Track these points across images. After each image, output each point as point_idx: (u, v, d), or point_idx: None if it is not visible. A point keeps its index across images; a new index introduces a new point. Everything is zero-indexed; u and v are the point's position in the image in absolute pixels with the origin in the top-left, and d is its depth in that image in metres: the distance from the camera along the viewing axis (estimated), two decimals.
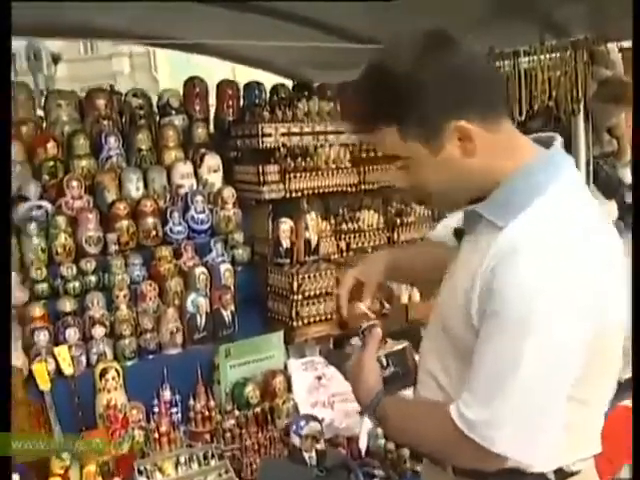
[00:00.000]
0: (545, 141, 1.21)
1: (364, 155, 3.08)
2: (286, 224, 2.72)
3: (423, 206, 3.14)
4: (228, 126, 3.18)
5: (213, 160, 2.97)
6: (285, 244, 2.72)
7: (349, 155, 3.02)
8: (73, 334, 2.36)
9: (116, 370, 2.33)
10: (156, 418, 2.33)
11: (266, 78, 3.81)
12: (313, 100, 3.03)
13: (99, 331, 2.40)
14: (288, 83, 3.74)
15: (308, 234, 2.75)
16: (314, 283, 2.66)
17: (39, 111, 3.18)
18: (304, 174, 2.86)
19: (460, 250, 1.23)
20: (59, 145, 2.79)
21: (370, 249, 3.00)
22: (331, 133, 2.98)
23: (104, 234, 2.60)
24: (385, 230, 3.10)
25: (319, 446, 2.05)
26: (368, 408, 1.31)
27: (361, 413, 2.12)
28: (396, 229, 3.11)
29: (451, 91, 1.08)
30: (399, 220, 3.13)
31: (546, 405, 1.08)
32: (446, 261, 1.30)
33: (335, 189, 2.96)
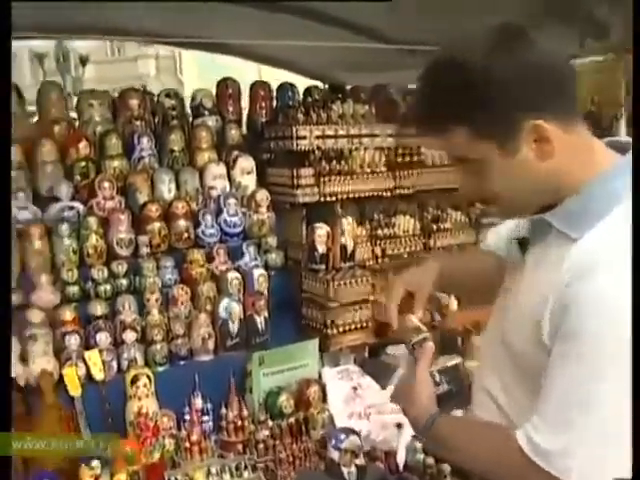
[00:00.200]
0: (617, 146, 1.13)
1: (400, 159, 3.00)
2: (322, 229, 2.65)
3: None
4: (261, 128, 3.12)
5: (246, 162, 2.91)
6: (321, 249, 2.65)
7: (384, 159, 2.95)
8: (104, 338, 2.31)
9: (148, 377, 2.27)
10: (187, 426, 2.27)
11: (295, 79, 3.77)
12: (347, 102, 2.95)
13: (130, 336, 2.35)
14: (320, 85, 3.69)
15: (344, 239, 2.68)
16: (350, 290, 2.59)
17: (71, 112, 3.16)
18: (339, 178, 2.79)
19: (525, 262, 1.16)
20: (91, 145, 2.76)
21: (406, 255, 2.92)
22: (366, 136, 2.90)
23: (135, 236, 2.55)
24: (421, 236, 3.02)
25: (358, 461, 1.96)
26: (423, 429, 1.23)
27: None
28: (432, 235, 3.03)
29: (528, 87, 1.00)
30: (435, 226, 3.06)
31: (620, 434, 0.99)
32: (493, 271, 1.24)
33: (370, 193, 2.88)
